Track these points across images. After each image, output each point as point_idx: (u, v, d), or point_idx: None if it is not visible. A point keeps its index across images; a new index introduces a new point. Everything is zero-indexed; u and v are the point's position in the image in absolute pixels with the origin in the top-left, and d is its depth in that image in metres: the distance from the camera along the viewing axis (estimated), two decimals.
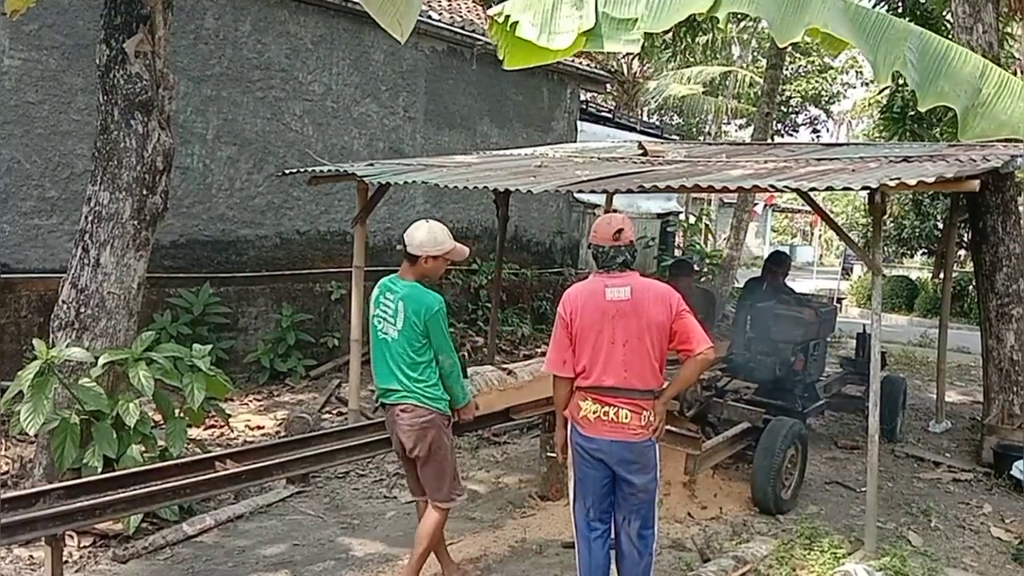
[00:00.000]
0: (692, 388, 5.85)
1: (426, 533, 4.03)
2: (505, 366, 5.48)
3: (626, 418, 3.53)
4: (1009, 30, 13.09)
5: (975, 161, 5.11)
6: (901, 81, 7.49)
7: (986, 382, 7.15)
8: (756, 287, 7.41)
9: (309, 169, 6.70)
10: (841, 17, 5.24)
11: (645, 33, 5.45)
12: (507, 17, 5.58)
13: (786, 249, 40.84)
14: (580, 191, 8.41)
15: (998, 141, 5.90)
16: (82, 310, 5.02)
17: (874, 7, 12.19)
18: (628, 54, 20.92)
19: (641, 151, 7.05)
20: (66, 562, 4.07)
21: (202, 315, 8.04)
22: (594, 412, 3.57)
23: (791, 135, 36.67)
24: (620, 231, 3.61)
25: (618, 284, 3.57)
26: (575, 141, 12.76)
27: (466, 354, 9.88)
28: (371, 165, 6.89)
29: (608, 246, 3.62)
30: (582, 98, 15.07)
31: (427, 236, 3.98)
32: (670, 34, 14.95)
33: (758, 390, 6.61)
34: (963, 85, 5.49)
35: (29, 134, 7.10)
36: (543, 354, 5.16)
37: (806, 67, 33.57)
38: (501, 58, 5.93)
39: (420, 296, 3.91)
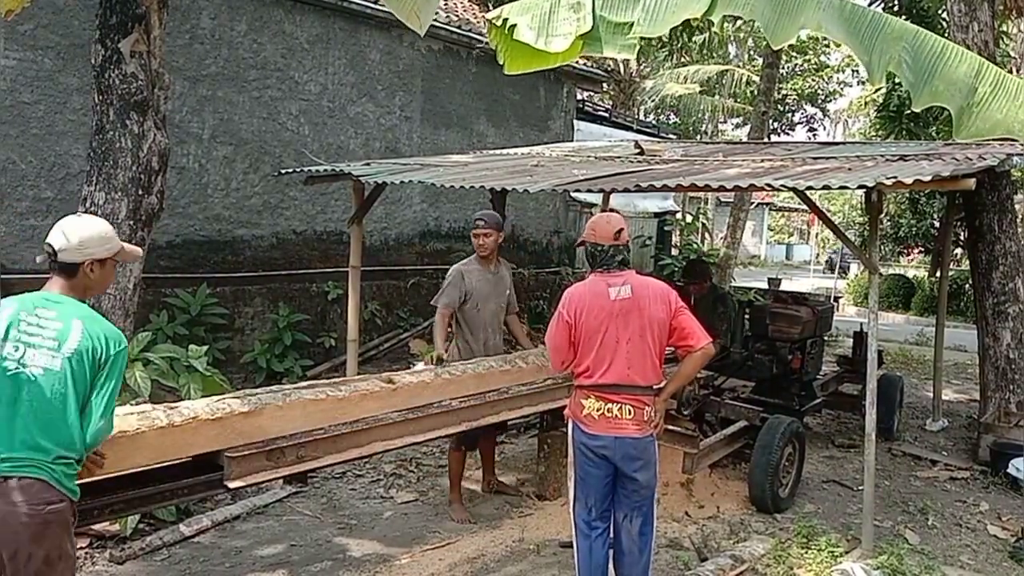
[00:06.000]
0: (691, 387, 5.86)
1: None
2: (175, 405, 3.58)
3: (629, 414, 3.58)
4: (1005, 29, 13.11)
5: (971, 160, 5.12)
6: (896, 80, 7.51)
7: (983, 380, 7.16)
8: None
9: (305, 169, 6.69)
10: (836, 18, 5.25)
11: (641, 37, 5.48)
12: (505, 20, 5.61)
13: (782, 248, 40.92)
14: (577, 190, 8.41)
15: (993, 140, 5.91)
16: None
17: (870, 5, 12.23)
18: None
19: (638, 150, 7.06)
20: None
21: (199, 315, 8.01)
22: (597, 410, 3.60)
23: (787, 134, 36.72)
24: (621, 231, 3.69)
25: (619, 283, 3.63)
26: (572, 140, 12.76)
27: None
28: (367, 165, 6.89)
29: (608, 245, 3.67)
30: (579, 97, 15.07)
31: (91, 233, 2.74)
32: (667, 33, 14.97)
33: (755, 388, 6.62)
34: (958, 84, 5.50)
35: (24, 134, 7.08)
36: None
37: (802, 66, 33.60)
38: (501, 63, 5.97)
39: (102, 320, 2.71)
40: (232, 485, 3.46)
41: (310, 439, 3.72)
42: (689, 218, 18.50)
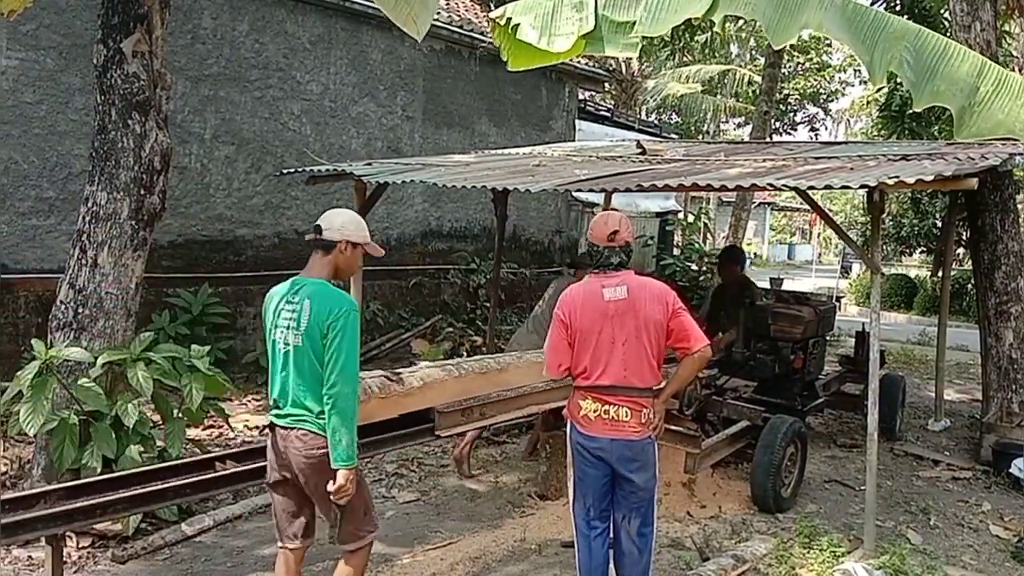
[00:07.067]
0: (692, 386, 5.85)
1: None
2: (398, 371, 4.49)
3: (626, 416, 3.54)
4: (1007, 28, 13.10)
5: (974, 159, 5.11)
6: (899, 79, 7.53)
7: (985, 380, 7.15)
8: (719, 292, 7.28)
9: (307, 169, 6.69)
10: (837, 17, 5.24)
11: (643, 36, 5.48)
12: (508, 20, 5.60)
13: (784, 248, 40.94)
14: (579, 190, 8.40)
15: (995, 139, 5.90)
16: (80, 310, 5.01)
17: (871, 5, 12.22)
18: None
19: (640, 150, 7.05)
20: (65, 563, 4.06)
21: (201, 315, 8.02)
22: (594, 411, 3.57)
23: (789, 133, 36.68)
24: (615, 233, 3.61)
25: (614, 284, 3.58)
26: (573, 140, 12.76)
27: (464, 352, 9.89)
28: (369, 164, 6.89)
29: (603, 246, 3.63)
30: (580, 97, 15.07)
31: (351, 219, 3.39)
32: (668, 33, 14.95)
33: (757, 388, 6.61)
34: (959, 84, 5.48)
35: (27, 134, 7.09)
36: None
37: (804, 65, 33.55)
38: (504, 59, 5.96)
39: (329, 294, 3.23)
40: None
41: (529, 392, 4.98)
42: (691, 218, 18.48)
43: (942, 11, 11.81)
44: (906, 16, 11.77)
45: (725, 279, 7.17)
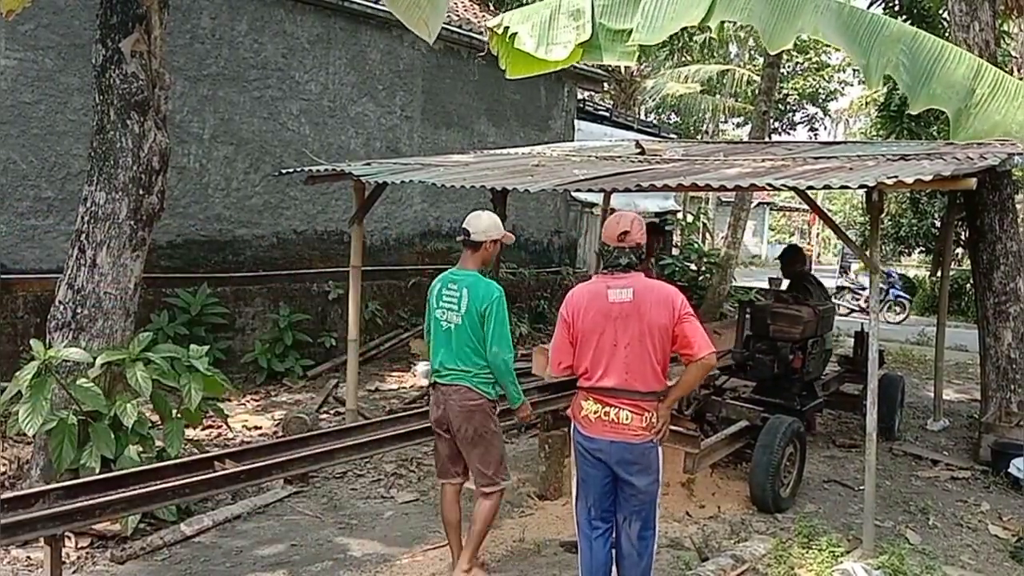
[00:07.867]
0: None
1: (481, 520, 4.19)
2: None
3: (627, 419, 3.51)
4: (1006, 28, 13.10)
5: (972, 159, 5.11)
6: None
7: (984, 380, 7.15)
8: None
9: (306, 169, 6.69)
10: (833, 22, 5.25)
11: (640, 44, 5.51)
12: (506, 28, 5.62)
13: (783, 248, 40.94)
14: (578, 190, 8.41)
15: (993, 140, 5.90)
16: (79, 310, 5.01)
17: (869, 7, 12.23)
18: None
19: (639, 150, 7.05)
20: (63, 563, 4.05)
21: (199, 315, 8.02)
22: (595, 412, 3.55)
23: (788, 133, 36.69)
24: (626, 233, 3.56)
25: (620, 285, 3.54)
26: (572, 140, 12.76)
27: None
28: (368, 164, 6.89)
29: (613, 246, 3.59)
30: (579, 97, 15.07)
31: (491, 221, 4.17)
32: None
33: (756, 388, 6.61)
34: (956, 87, 5.49)
35: (25, 134, 7.08)
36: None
37: (803, 65, 33.57)
38: (503, 68, 5.98)
39: (481, 284, 4.06)
40: None
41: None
42: (690, 218, 18.49)
43: (940, 11, 11.81)
44: (904, 16, 11.80)
45: (787, 276, 7.42)
